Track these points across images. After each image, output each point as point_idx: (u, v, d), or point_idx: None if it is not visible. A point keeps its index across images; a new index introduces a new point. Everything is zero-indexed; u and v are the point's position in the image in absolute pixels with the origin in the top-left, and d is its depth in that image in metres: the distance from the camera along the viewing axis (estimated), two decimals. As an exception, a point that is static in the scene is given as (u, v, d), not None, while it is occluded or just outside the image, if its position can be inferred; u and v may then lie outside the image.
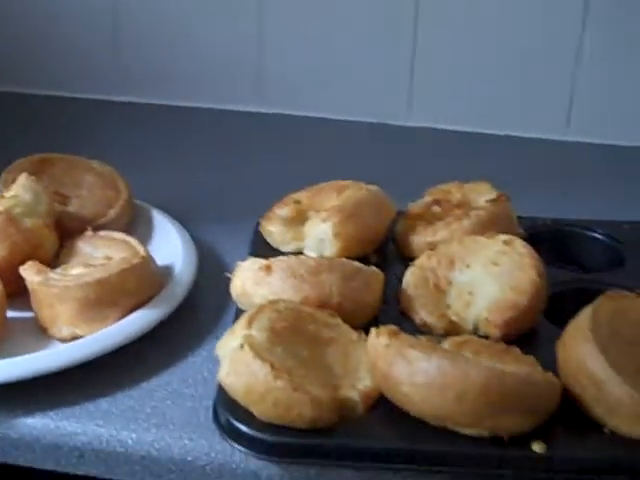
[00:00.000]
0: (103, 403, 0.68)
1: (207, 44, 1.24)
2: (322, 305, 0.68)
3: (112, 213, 0.86)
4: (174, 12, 1.23)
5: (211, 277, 0.84)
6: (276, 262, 0.70)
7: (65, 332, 0.72)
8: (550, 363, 0.64)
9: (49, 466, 0.67)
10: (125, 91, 1.27)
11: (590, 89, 1.17)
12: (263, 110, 1.25)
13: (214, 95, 1.26)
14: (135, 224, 0.89)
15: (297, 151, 1.16)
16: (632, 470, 0.59)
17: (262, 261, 0.71)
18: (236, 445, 0.61)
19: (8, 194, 0.79)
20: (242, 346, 0.61)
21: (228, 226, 0.94)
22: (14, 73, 1.28)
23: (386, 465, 0.60)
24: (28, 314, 0.75)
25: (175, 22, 1.23)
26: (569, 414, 0.62)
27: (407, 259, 0.80)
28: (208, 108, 1.26)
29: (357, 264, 0.72)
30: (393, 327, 0.63)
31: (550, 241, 0.87)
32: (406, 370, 0.59)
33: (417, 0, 1.16)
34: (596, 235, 0.87)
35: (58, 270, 0.75)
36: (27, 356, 0.68)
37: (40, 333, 0.74)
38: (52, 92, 1.28)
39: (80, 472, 0.67)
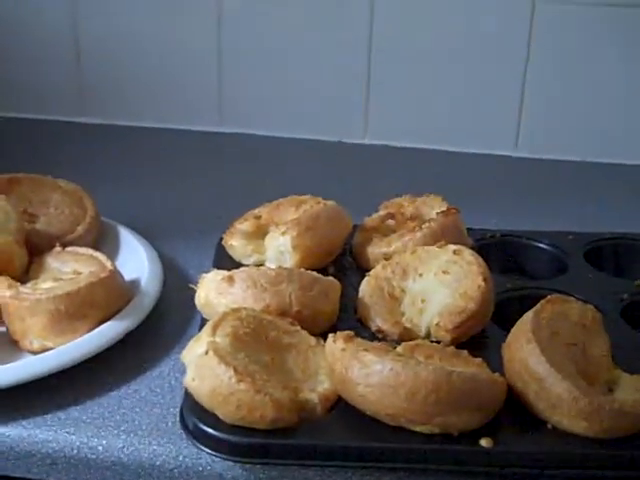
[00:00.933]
0: (74, 412, 0.71)
1: (168, 65, 1.28)
2: (282, 313, 0.72)
3: (80, 230, 0.89)
4: (136, 33, 1.26)
5: (176, 290, 0.87)
6: (238, 273, 0.74)
7: (36, 345, 0.75)
8: (497, 365, 0.69)
9: (21, 473, 0.70)
10: (87, 112, 1.30)
11: (537, 107, 1.23)
12: (223, 130, 1.29)
13: (175, 115, 1.30)
14: (102, 240, 0.92)
15: (255, 169, 1.20)
16: (572, 463, 0.63)
17: (224, 272, 0.75)
18: (203, 447, 0.64)
19: (-22, 213, 0.82)
20: (207, 352, 0.64)
21: (191, 241, 0.97)
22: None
23: (345, 463, 0.63)
24: (0, 328, 0.78)
25: (137, 43, 1.27)
26: (514, 412, 0.66)
27: (363, 270, 0.85)
28: (169, 128, 1.29)
29: (315, 274, 0.76)
30: (349, 332, 0.67)
31: (498, 251, 0.91)
32: (361, 372, 0.63)
33: (371, 24, 1.21)
34: (541, 245, 0.92)
35: (28, 285, 0.78)
36: (0, 367, 0.71)
37: (11, 346, 0.77)
38: (15, 114, 1.30)
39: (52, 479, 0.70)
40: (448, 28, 1.21)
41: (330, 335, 0.67)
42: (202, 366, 0.64)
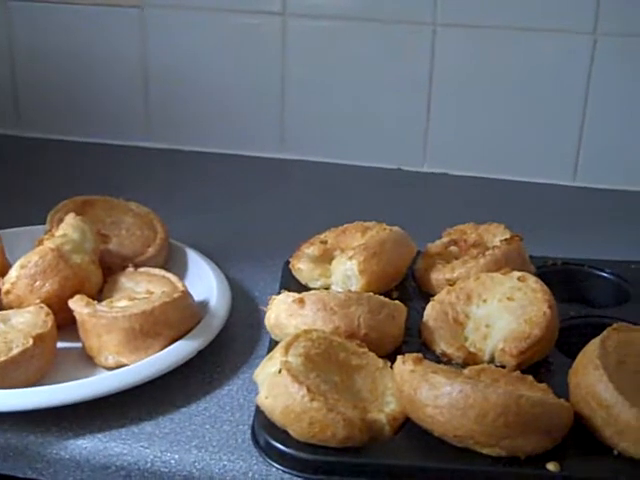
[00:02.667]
0: (147, 426, 0.73)
1: (232, 92, 1.31)
2: (350, 335, 0.74)
3: (151, 251, 0.92)
4: (202, 62, 1.30)
5: (243, 311, 0.89)
6: (308, 295, 0.76)
7: (111, 361, 0.78)
8: (561, 390, 0.69)
9: (96, 485, 0.72)
10: (154, 137, 1.34)
11: (596, 137, 1.24)
12: (285, 156, 1.32)
13: (238, 142, 1.33)
14: (171, 262, 0.95)
15: (316, 195, 1.22)
16: (639, 489, 0.64)
17: (295, 295, 0.77)
18: (274, 464, 0.66)
19: (58, 233, 0.85)
20: (280, 371, 0.66)
21: (255, 264, 1.00)
22: (52, 122, 1.36)
23: (412, 482, 0.65)
24: (76, 344, 0.81)
25: (203, 72, 1.31)
26: (580, 437, 0.67)
27: (426, 295, 0.86)
28: (232, 154, 1.32)
29: (382, 298, 0.78)
30: (417, 355, 0.68)
31: (560, 279, 0.91)
32: (430, 393, 0.64)
33: (433, 54, 1.23)
34: (603, 274, 0.93)
35: (104, 303, 0.81)
36: (78, 382, 0.74)
37: (87, 362, 0.80)
38: (87, 139, 1.35)
39: (125, 491, 0.72)
40: (509, 58, 1.22)
41: (399, 357, 0.69)
42: (275, 384, 0.66)
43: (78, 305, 0.79)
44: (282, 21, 1.26)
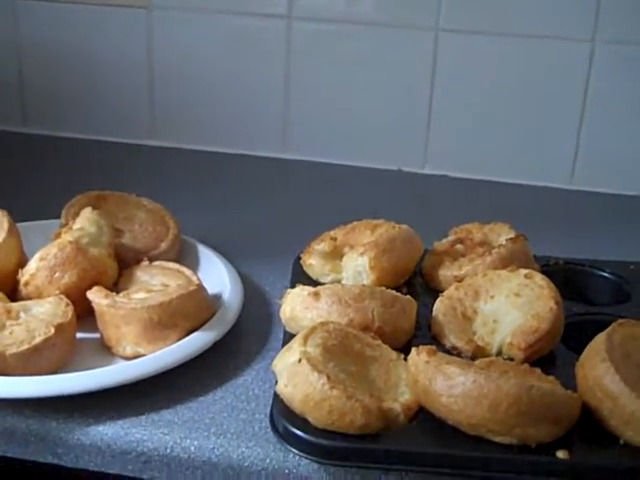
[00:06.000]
0: (166, 414, 0.75)
1: (237, 96, 1.33)
2: (364, 328, 0.76)
3: (163, 246, 0.94)
4: (207, 62, 1.32)
5: (254, 305, 0.92)
6: (323, 289, 0.78)
7: (129, 351, 0.80)
8: (568, 383, 0.72)
9: (117, 470, 0.74)
10: (159, 136, 1.36)
11: (593, 141, 1.26)
12: (287, 156, 1.34)
13: (240, 141, 1.35)
14: (183, 257, 0.96)
15: (319, 195, 1.25)
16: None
17: (310, 288, 0.79)
18: (292, 449, 0.68)
19: (75, 226, 0.87)
20: (300, 360, 0.68)
21: (264, 260, 1.02)
22: (59, 120, 1.38)
23: (425, 468, 0.67)
24: (94, 335, 0.83)
25: (208, 71, 1.33)
26: (588, 427, 0.69)
27: (434, 291, 0.89)
28: (237, 154, 1.35)
29: (395, 293, 0.80)
30: (431, 347, 0.71)
31: (562, 278, 0.94)
32: (445, 383, 0.67)
33: (435, 56, 1.26)
34: (604, 274, 0.95)
35: (121, 295, 0.83)
36: (98, 370, 0.76)
37: (106, 351, 0.81)
38: (95, 136, 1.37)
39: (145, 477, 0.74)
40: (509, 62, 1.25)
41: (414, 348, 0.71)
42: (295, 373, 0.68)
43: (97, 296, 0.81)
44: (287, 24, 1.29)
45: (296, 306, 0.79)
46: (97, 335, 0.83)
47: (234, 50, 1.31)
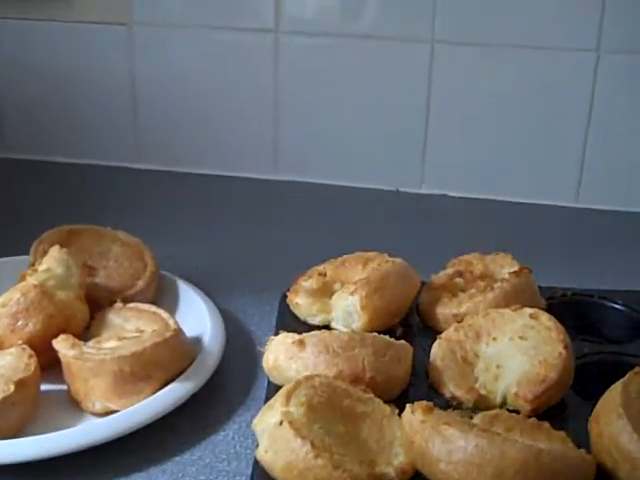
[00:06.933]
0: (137, 478, 0.69)
1: (225, 114, 1.27)
2: (355, 379, 0.69)
3: (140, 284, 0.88)
4: (192, 81, 1.26)
5: (238, 347, 0.85)
6: (309, 337, 0.71)
7: (98, 406, 0.73)
8: (580, 437, 0.65)
9: (82, 542, 0.67)
10: (144, 159, 1.30)
11: (599, 157, 1.20)
12: (278, 177, 1.28)
13: (230, 162, 1.29)
14: (162, 295, 0.90)
15: (312, 219, 1.18)
16: None
17: (295, 336, 0.72)
18: (274, 523, 0.61)
19: (41, 267, 0.80)
20: (281, 423, 0.62)
21: (252, 296, 0.96)
22: (39, 142, 1.31)
23: (423, 542, 0.60)
24: (61, 386, 0.76)
25: (193, 90, 1.27)
26: (603, 490, 0.63)
27: (431, 330, 0.82)
28: (226, 176, 1.28)
29: (388, 339, 0.73)
30: (427, 403, 0.64)
31: (570, 311, 0.87)
32: (444, 447, 0.60)
33: (430, 72, 1.20)
34: (616, 305, 0.89)
35: (90, 343, 0.77)
36: (63, 432, 0.69)
37: (73, 407, 0.75)
38: (75, 160, 1.30)
39: None
40: (509, 76, 1.19)
41: (408, 405, 0.64)
42: (276, 438, 0.61)
43: (63, 346, 0.74)
44: (275, 38, 1.22)
45: (279, 355, 0.72)
46: (65, 387, 0.76)
47: (219, 67, 1.25)
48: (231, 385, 0.80)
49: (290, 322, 0.83)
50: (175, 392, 0.74)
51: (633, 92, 1.17)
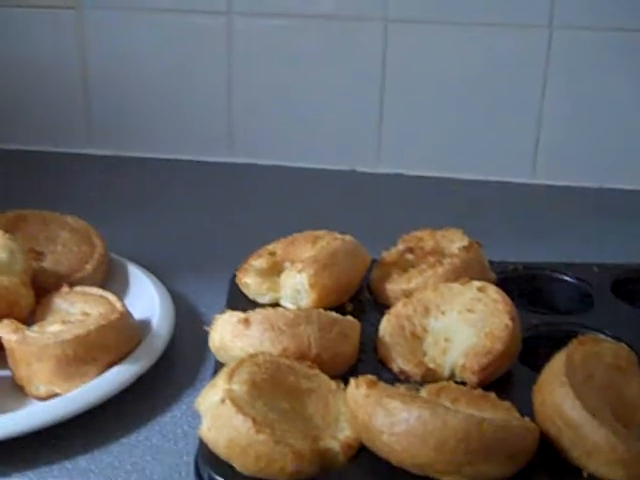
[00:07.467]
0: (82, 461, 0.67)
1: (177, 95, 1.25)
2: (301, 357, 0.69)
3: (88, 268, 0.87)
4: (145, 64, 1.25)
5: (188, 329, 0.84)
6: (254, 315, 0.71)
7: (42, 390, 0.72)
8: (526, 407, 0.65)
9: (27, 529, 0.66)
10: (95, 144, 1.28)
11: (554, 132, 1.20)
12: (234, 160, 1.27)
13: (184, 146, 1.27)
14: (111, 278, 0.89)
15: (267, 200, 1.17)
16: (611, 513, 0.60)
17: (240, 314, 0.72)
18: (219, 500, 0.61)
19: (-17, 253, 0.79)
20: (223, 400, 0.61)
21: (203, 277, 0.94)
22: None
23: (369, 515, 0.60)
24: (4, 372, 0.75)
25: (146, 74, 1.25)
26: (547, 458, 0.62)
27: (382, 306, 0.81)
28: (178, 159, 1.27)
29: (334, 315, 0.72)
30: (371, 377, 0.63)
31: (521, 285, 0.88)
32: (387, 420, 0.60)
33: (384, 51, 1.19)
34: (566, 278, 0.89)
35: (35, 328, 0.75)
36: (4, 416, 0.68)
37: (17, 391, 0.73)
38: (22, 147, 1.28)
39: (60, 533, 0.66)
40: (463, 55, 1.19)
41: (352, 380, 0.64)
42: (219, 416, 0.61)
43: (5, 331, 0.73)
44: (227, 20, 1.21)
45: (225, 334, 0.71)
46: (8, 373, 0.75)
47: (172, 50, 1.24)
48: (180, 367, 0.79)
49: (240, 302, 0.82)
50: (120, 375, 0.73)
51: (586, 68, 1.17)
